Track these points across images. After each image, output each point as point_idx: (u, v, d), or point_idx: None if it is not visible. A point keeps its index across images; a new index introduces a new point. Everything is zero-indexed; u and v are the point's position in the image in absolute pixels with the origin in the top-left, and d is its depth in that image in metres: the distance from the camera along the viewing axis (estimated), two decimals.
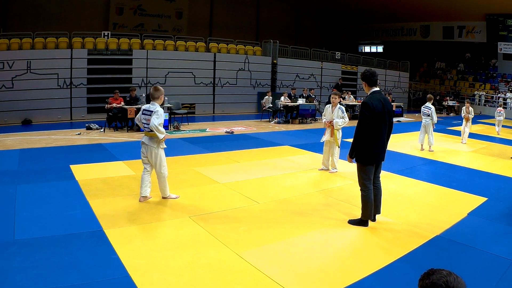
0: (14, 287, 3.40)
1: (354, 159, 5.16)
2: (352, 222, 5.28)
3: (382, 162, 5.30)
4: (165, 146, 6.04)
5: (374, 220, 5.30)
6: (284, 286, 3.63)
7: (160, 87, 6.10)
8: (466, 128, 12.86)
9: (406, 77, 28.75)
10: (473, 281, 3.75)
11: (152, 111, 5.81)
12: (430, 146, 11.02)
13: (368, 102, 4.94)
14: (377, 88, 5.16)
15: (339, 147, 8.11)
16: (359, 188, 5.22)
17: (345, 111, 8.13)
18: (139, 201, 5.88)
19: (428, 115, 10.85)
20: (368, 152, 5.03)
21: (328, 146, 8.19)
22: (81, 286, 3.48)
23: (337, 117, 8.04)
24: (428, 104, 11.02)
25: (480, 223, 5.51)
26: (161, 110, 5.88)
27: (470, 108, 13.09)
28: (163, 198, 6.08)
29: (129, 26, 22.87)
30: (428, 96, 11.54)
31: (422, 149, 11.05)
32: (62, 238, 4.47)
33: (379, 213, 5.36)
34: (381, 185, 5.39)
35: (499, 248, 4.61)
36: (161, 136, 5.84)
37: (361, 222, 5.21)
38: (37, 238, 4.42)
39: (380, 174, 5.38)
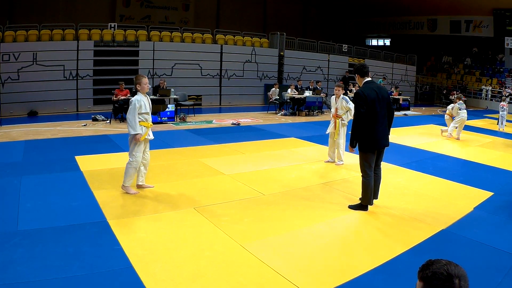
0: (16, 278, 3.40)
1: (357, 148, 5.40)
2: (352, 207, 5.52)
3: (386, 148, 5.48)
4: (140, 141, 5.62)
5: (371, 204, 5.52)
6: (288, 278, 3.61)
7: (139, 75, 5.69)
8: (452, 123, 12.22)
9: (413, 71, 28.51)
10: (479, 276, 3.71)
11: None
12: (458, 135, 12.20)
13: (359, 92, 5.24)
14: (369, 78, 5.44)
15: (335, 139, 8.07)
16: (361, 174, 5.44)
17: (349, 100, 8.01)
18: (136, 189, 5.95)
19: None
20: (367, 139, 5.25)
21: (332, 138, 8.17)
22: (84, 277, 3.48)
23: (340, 108, 8.02)
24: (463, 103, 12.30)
25: (486, 218, 5.45)
26: (135, 100, 5.43)
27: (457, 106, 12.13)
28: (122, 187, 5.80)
29: (136, 18, 22.81)
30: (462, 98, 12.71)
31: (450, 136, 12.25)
32: (66, 229, 4.47)
33: (376, 198, 5.63)
34: (382, 174, 5.68)
35: (505, 243, 4.56)
36: (131, 132, 5.40)
37: (361, 206, 5.46)
38: (40, 229, 4.42)
39: (385, 166, 5.46)
